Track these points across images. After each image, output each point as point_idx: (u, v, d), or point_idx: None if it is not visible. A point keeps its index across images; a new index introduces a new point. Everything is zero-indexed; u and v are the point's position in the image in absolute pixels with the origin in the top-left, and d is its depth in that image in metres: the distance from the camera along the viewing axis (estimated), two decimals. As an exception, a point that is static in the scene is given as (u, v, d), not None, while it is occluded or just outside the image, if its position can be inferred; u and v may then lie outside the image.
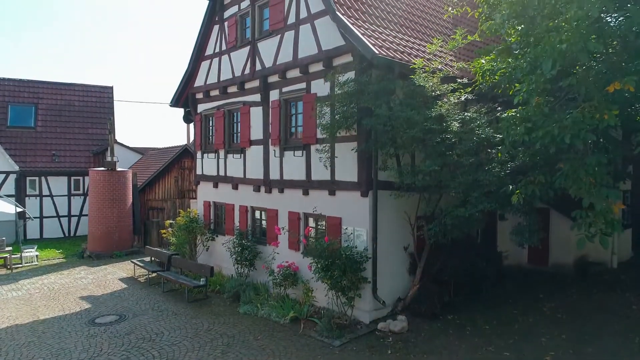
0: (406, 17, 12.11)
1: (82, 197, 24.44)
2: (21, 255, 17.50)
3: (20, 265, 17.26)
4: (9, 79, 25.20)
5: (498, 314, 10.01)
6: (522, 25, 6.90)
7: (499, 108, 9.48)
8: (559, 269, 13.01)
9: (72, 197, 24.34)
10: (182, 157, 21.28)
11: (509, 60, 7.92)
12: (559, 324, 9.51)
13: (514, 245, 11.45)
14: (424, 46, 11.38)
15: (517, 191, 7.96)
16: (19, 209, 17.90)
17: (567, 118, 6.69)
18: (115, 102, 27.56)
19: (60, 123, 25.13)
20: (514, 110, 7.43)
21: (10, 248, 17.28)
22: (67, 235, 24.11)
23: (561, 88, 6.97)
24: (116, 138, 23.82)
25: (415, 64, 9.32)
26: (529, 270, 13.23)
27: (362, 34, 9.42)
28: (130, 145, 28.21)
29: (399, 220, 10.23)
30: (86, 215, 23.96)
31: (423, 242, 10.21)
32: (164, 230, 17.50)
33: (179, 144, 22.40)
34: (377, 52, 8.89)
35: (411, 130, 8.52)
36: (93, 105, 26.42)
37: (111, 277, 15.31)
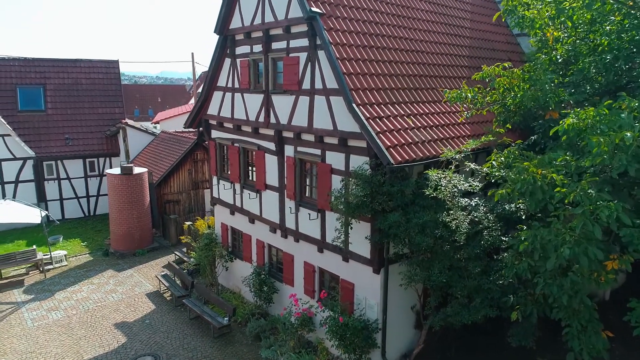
0: (422, 73, 12.02)
1: (98, 178, 25.25)
2: (50, 255, 18.74)
3: (52, 267, 18.57)
4: (14, 59, 24.86)
5: (493, 374, 11.23)
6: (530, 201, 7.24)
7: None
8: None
9: (88, 179, 25.14)
10: (195, 150, 21.69)
11: (522, 178, 8.30)
12: (547, 386, 10.73)
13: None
14: (442, 116, 11.49)
15: (517, 306, 8.76)
16: (43, 213, 18.81)
17: (566, 279, 7.31)
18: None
19: (70, 104, 25.22)
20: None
21: (41, 254, 18.44)
22: (87, 214, 25.27)
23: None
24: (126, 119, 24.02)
25: (430, 159, 9.65)
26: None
27: (377, 133, 9.60)
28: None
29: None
30: (103, 195, 25.01)
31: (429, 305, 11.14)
32: (183, 237, 18.53)
33: (191, 133, 22.66)
34: (392, 161, 9.16)
35: (423, 239, 9.09)
36: (100, 82, 26.27)
37: (138, 290, 16.59)
